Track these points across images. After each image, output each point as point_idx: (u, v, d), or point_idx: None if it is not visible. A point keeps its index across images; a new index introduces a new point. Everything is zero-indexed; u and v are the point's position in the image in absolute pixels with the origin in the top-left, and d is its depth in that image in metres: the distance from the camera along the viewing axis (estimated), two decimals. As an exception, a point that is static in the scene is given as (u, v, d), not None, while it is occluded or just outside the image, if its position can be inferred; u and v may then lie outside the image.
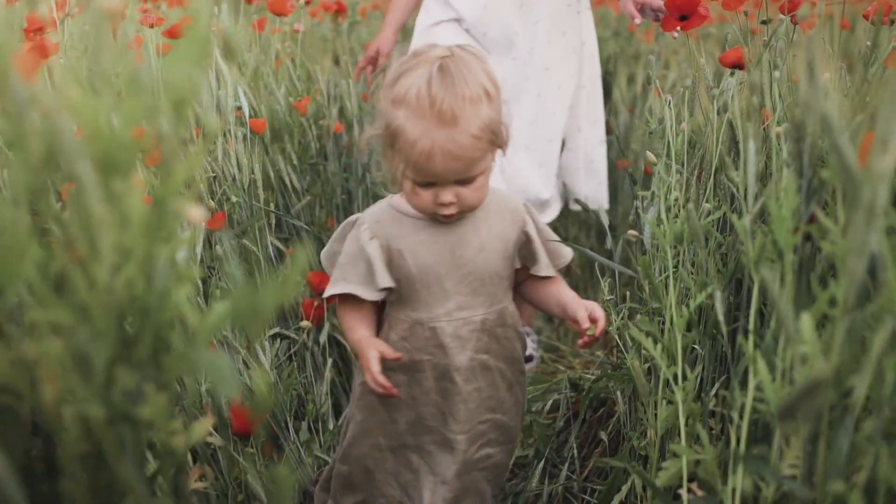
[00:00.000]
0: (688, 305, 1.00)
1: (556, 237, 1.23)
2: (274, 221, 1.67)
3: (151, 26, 1.40)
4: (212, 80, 1.32)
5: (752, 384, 0.90)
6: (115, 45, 0.63)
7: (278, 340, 1.38)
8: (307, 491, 1.38)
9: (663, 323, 1.04)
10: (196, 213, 0.59)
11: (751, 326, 0.75)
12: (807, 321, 0.72)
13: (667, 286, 1.04)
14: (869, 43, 1.07)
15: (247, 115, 1.42)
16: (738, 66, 1.21)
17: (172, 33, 1.53)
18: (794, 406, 0.59)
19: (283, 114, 1.94)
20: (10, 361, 0.57)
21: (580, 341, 1.14)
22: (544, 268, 1.19)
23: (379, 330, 1.20)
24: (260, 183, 1.62)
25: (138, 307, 0.62)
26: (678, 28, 1.37)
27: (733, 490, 0.91)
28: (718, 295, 0.95)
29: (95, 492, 0.67)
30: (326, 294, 1.17)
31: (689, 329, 1.03)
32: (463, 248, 1.15)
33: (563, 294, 1.21)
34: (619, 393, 1.41)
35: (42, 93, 0.56)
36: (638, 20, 1.67)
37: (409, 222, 1.15)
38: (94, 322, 0.62)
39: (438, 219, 1.13)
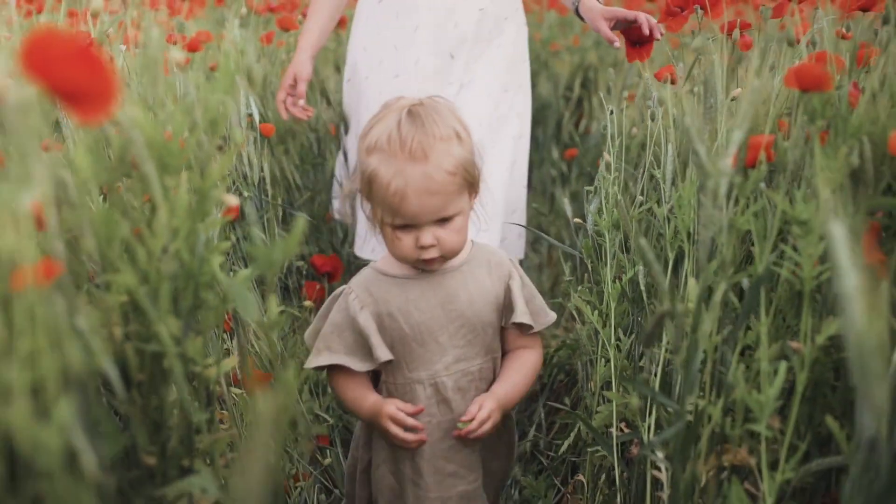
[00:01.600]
0: (620, 279, 1.22)
1: (540, 298, 1.21)
2: (280, 214, 1.90)
3: (175, 43, 1.62)
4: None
5: (664, 340, 1.12)
6: (164, 77, 0.85)
7: (283, 316, 1.60)
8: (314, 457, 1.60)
9: (603, 294, 1.26)
10: (232, 200, 0.81)
11: (665, 293, 0.97)
12: (693, 285, 0.94)
13: (605, 265, 1.26)
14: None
15: (257, 121, 1.65)
16: (672, 80, 1.43)
17: (193, 47, 1.76)
18: (650, 334, 0.81)
19: (288, 120, 2.16)
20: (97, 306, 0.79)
21: (454, 432, 1.13)
22: (520, 315, 1.15)
23: None
24: (268, 180, 1.85)
25: (183, 271, 0.84)
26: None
27: (649, 426, 1.13)
28: (641, 270, 1.17)
29: (146, 412, 0.89)
30: (309, 365, 1.14)
31: (623, 300, 1.25)
32: (453, 303, 1.14)
33: (504, 370, 1.18)
34: (578, 363, 1.63)
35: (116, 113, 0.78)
36: (616, 44, 1.62)
37: (396, 283, 1.14)
38: (150, 283, 0.84)
39: (422, 267, 1.13)
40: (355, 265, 1.94)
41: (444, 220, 1.09)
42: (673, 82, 1.41)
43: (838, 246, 0.56)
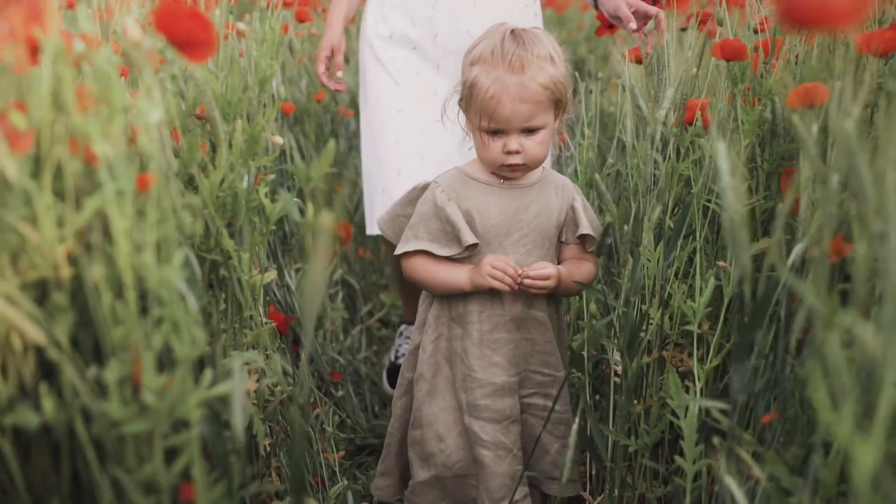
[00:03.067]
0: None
1: (598, 222, 1.29)
2: (297, 186, 2.13)
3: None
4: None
5: (626, 273, 1.35)
6: (224, 43, 1.08)
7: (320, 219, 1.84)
8: (323, 377, 1.83)
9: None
10: (278, 140, 1.05)
11: (614, 213, 1.20)
12: (647, 226, 1.17)
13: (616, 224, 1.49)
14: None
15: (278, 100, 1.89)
16: (639, 60, 1.66)
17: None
18: (600, 244, 1.04)
19: (304, 102, 2.40)
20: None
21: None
22: (585, 228, 1.24)
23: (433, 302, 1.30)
24: (288, 156, 2.08)
25: (237, 198, 1.08)
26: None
27: (613, 348, 1.36)
28: (615, 224, 1.40)
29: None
30: (399, 250, 1.27)
31: (598, 253, 1.48)
32: (523, 213, 1.24)
33: (566, 264, 1.27)
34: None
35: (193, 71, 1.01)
36: (633, 25, 1.62)
37: (477, 186, 1.26)
38: (210, 207, 1.07)
39: (505, 173, 1.23)
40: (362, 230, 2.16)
41: (530, 131, 1.19)
42: (639, 62, 1.64)
43: (720, 157, 0.79)
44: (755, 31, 1.55)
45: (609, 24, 1.86)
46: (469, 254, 1.24)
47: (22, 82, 0.75)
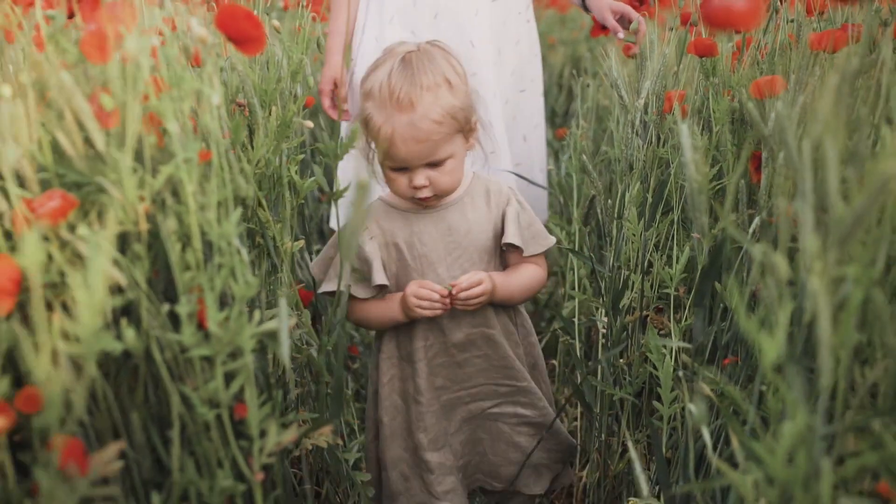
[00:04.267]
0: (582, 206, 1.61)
1: (539, 223, 1.26)
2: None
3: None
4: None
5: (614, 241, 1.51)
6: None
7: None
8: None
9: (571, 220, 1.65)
10: (308, 123, 1.20)
11: (599, 188, 1.36)
12: (629, 200, 1.33)
13: (572, 197, 1.65)
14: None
15: (305, 90, 2.07)
16: (632, 57, 1.82)
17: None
18: (587, 214, 1.20)
19: (314, 94, 2.57)
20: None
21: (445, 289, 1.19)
22: (510, 236, 1.20)
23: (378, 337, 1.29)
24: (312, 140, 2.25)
25: (271, 173, 1.23)
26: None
27: (601, 311, 1.52)
28: (598, 199, 1.56)
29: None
30: (322, 289, 1.23)
31: (586, 223, 1.63)
32: (452, 234, 1.20)
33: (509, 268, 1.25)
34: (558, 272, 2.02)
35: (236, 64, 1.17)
36: (621, 34, 1.67)
37: (400, 216, 1.22)
38: (249, 180, 1.22)
39: (418, 203, 1.19)
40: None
41: (435, 164, 1.15)
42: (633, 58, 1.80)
43: (683, 135, 0.95)
44: (735, 32, 1.70)
45: (603, 26, 2.01)
46: (384, 294, 1.21)
47: (107, 71, 0.91)
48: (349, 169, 1.68)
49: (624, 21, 1.69)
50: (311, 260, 1.82)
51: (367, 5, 1.79)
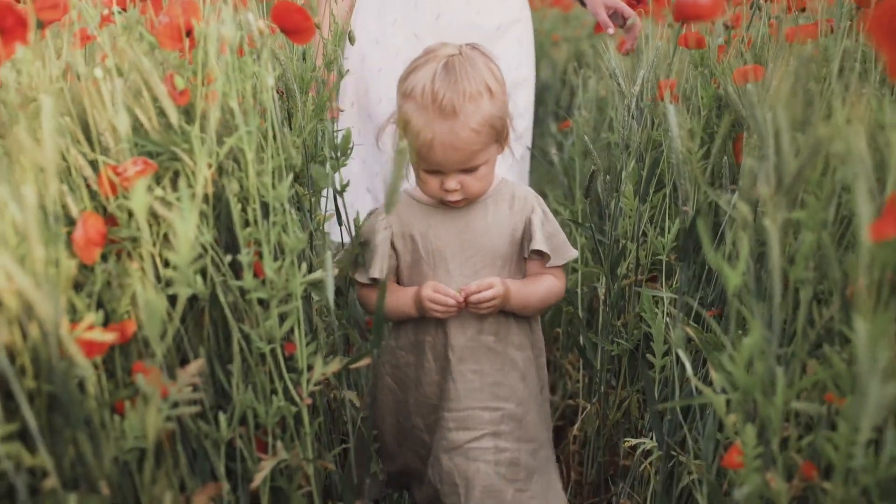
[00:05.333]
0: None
1: (562, 235, 1.26)
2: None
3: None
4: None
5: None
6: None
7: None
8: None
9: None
10: (342, 107, 1.35)
11: (598, 163, 1.50)
12: (625, 177, 1.48)
13: (575, 178, 1.80)
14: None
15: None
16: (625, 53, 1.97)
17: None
18: (588, 188, 1.35)
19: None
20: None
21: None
22: (538, 242, 1.19)
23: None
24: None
25: (309, 149, 1.38)
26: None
27: (602, 278, 1.67)
28: (598, 174, 1.71)
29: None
30: (358, 278, 1.25)
31: (587, 196, 1.79)
32: (469, 232, 1.20)
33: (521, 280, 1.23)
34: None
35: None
36: (611, 30, 1.70)
37: (421, 208, 1.23)
38: (299, 150, 1.38)
39: (447, 204, 1.20)
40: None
41: (469, 169, 1.16)
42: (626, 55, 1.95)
43: (670, 115, 1.10)
44: (725, 27, 1.86)
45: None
46: (403, 283, 1.23)
47: (178, 56, 1.06)
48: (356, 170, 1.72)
49: (617, 17, 1.72)
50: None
51: (360, 6, 1.77)
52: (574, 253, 1.26)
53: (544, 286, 1.23)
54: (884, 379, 0.60)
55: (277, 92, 1.38)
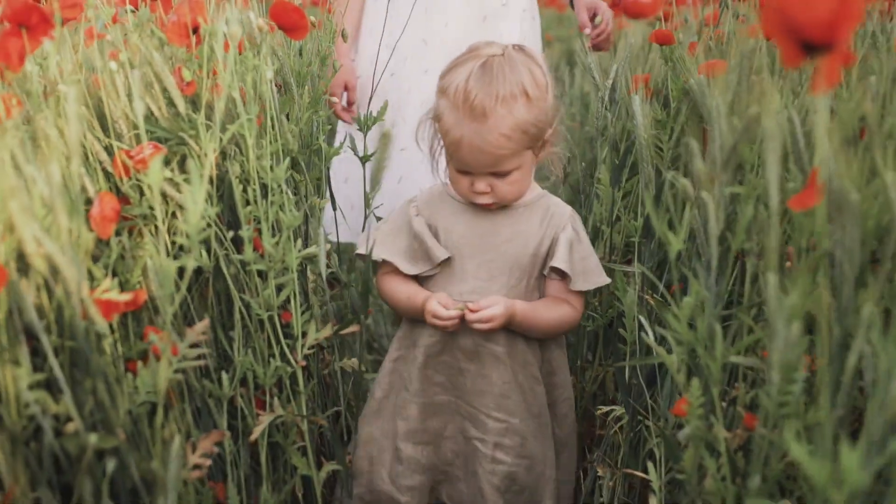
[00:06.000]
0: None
1: (595, 259, 1.22)
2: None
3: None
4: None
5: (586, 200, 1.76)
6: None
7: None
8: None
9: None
10: (333, 99, 1.46)
11: (591, 175, 1.61)
12: (601, 163, 1.58)
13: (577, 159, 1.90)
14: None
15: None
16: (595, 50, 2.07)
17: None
18: (565, 172, 1.46)
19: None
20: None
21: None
22: (559, 261, 1.16)
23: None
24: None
25: (305, 138, 1.49)
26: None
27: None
28: (574, 160, 1.82)
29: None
30: (374, 255, 1.22)
31: (564, 181, 1.89)
32: (492, 235, 1.18)
33: (533, 302, 1.20)
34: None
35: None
36: (587, 30, 1.73)
37: (452, 204, 1.22)
38: (295, 137, 1.48)
39: (478, 205, 1.18)
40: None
41: (499, 173, 1.13)
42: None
43: (635, 104, 1.20)
44: (703, 25, 1.96)
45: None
46: (439, 270, 1.20)
47: (181, 52, 1.17)
48: (340, 170, 1.77)
49: (596, 20, 1.75)
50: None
51: (373, 8, 1.79)
52: (606, 279, 1.22)
53: (556, 314, 1.19)
54: (788, 321, 0.70)
55: (276, 85, 1.49)
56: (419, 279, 1.23)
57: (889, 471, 0.63)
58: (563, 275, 1.18)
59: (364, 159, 1.39)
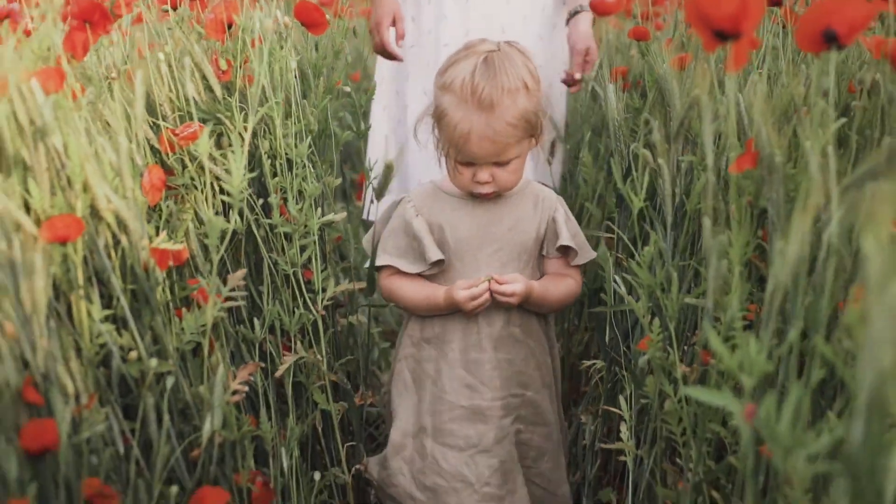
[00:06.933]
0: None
1: (583, 236, 1.30)
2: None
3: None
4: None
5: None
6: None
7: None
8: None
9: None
10: (346, 89, 1.64)
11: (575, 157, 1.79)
12: (587, 149, 1.77)
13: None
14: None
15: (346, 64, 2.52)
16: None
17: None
18: (551, 152, 1.64)
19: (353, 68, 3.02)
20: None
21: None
22: (565, 239, 1.23)
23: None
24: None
25: (321, 123, 1.67)
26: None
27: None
28: (558, 142, 2.00)
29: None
30: (376, 263, 1.27)
31: (549, 162, 2.07)
32: (495, 225, 1.23)
33: (542, 279, 1.26)
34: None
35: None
36: (578, 76, 1.66)
37: (449, 200, 1.25)
38: (310, 122, 1.66)
39: (477, 196, 1.23)
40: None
41: (501, 162, 1.19)
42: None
43: (609, 92, 1.38)
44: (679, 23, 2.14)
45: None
46: (437, 270, 1.24)
47: (217, 44, 1.35)
48: (380, 141, 1.84)
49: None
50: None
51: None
52: (593, 254, 1.29)
53: (564, 288, 1.27)
54: (718, 256, 0.87)
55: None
56: (439, 273, 1.26)
57: (790, 360, 0.81)
58: (562, 252, 1.26)
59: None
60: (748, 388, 0.76)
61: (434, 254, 1.21)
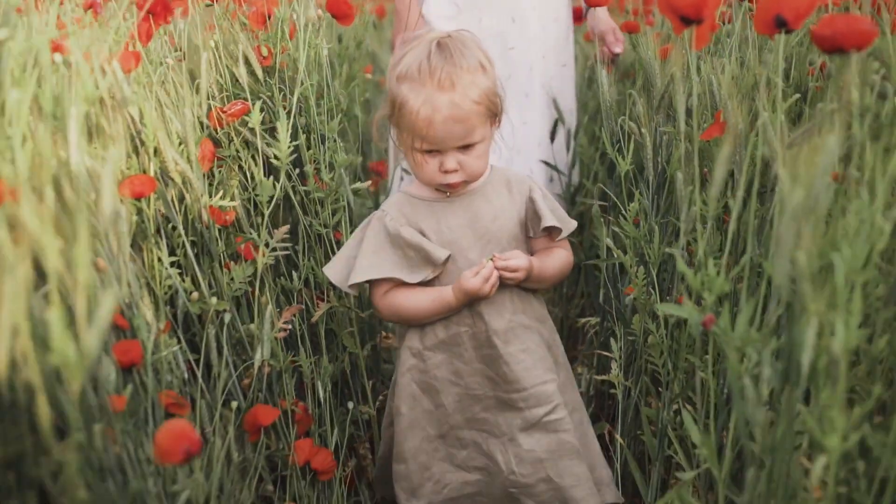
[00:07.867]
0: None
1: (561, 209, 1.28)
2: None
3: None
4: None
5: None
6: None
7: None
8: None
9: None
10: (367, 75, 1.84)
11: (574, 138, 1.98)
12: (585, 132, 1.95)
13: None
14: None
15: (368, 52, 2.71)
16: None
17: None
18: (553, 129, 1.83)
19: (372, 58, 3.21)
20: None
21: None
22: (549, 219, 1.21)
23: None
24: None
25: (344, 109, 1.86)
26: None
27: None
28: (560, 124, 2.19)
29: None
30: (356, 279, 1.20)
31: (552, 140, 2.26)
32: (479, 220, 1.21)
33: (537, 256, 1.25)
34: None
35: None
36: (618, 48, 1.81)
37: (425, 206, 1.23)
38: (340, 101, 1.85)
39: (445, 190, 1.20)
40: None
41: (466, 147, 1.16)
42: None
43: (602, 77, 1.57)
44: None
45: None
46: (437, 273, 1.21)
47: (259, 33, 1.54)
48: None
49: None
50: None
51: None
52: (574, 224, 1.28)
53: (559, 261, 1.27)
54: (688, 205, 1.06)
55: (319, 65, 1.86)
56: (434, 279, 1.22)
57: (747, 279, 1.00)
58: (546, 231, 1.25)
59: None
60: (708, 302, 0.95)
61: (441, 253, 1.19)
